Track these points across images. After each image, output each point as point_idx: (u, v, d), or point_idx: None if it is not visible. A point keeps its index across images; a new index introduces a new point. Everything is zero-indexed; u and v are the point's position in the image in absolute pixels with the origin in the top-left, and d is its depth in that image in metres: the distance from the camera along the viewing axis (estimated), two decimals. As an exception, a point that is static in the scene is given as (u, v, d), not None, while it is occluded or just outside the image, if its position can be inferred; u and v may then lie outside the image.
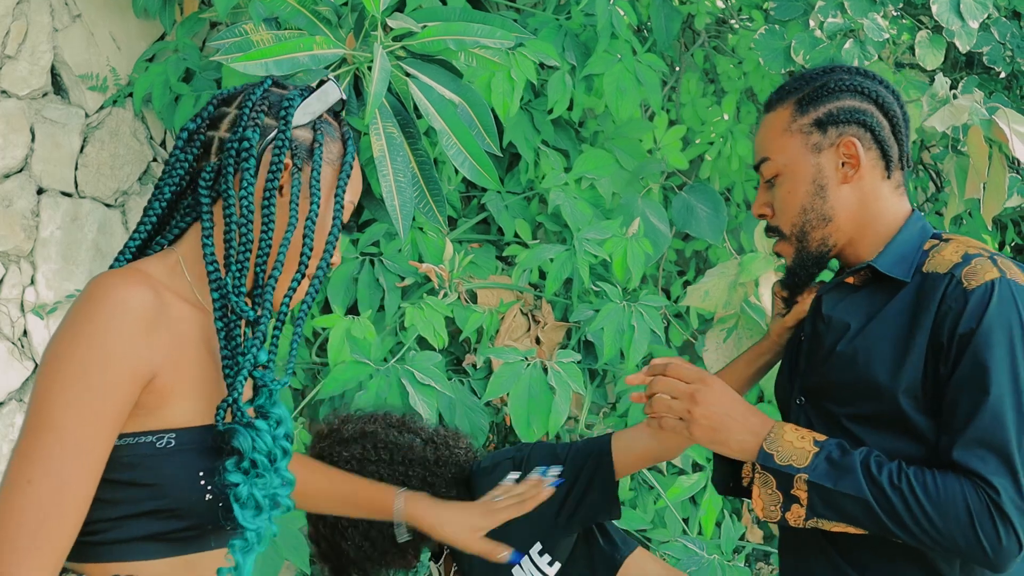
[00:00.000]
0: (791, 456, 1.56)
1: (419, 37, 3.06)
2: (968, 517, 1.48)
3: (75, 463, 1.23)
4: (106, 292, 1.28)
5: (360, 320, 3.22)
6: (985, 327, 1.53)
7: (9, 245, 3.43)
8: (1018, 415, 1.51)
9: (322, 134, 1.45)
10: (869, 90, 1.69)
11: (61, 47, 3.57)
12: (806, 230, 1.71)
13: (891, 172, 1.70)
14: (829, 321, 1.71)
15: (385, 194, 2.96)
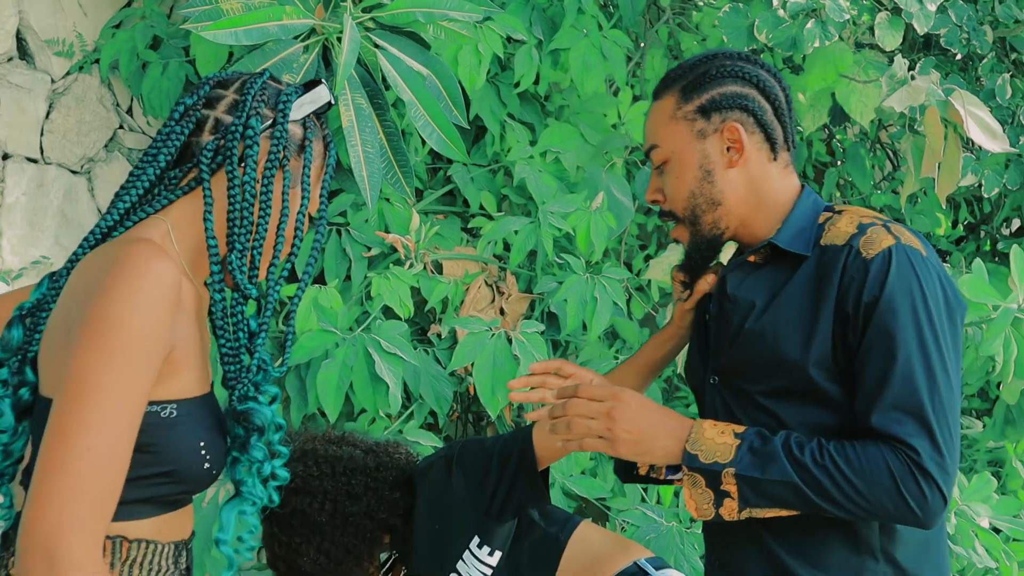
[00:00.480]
0: (715, 453, 1.59)
1: (388, 9, 3.09)
2: (892, 481, 1.52)
3: (124, 431, 1.30)
4: (145, 266, 1.33)
5: (327, 289, 3.25)
6: (887, 294, 1.57)
7: (-26, 210, 3.42)
8: (928, 376, 1.55)
9: (312, 132, 1.55)
10: (750, 75, 1.73)
11: (27, 11, 3.55)
12: (697, 214, 1.74)
13: (777, 154, 1.74)
14: (735, 300, 1.74)
15: (354, 164, 3.00)
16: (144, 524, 1.41)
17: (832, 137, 4.62)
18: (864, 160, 4.19)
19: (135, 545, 1.41)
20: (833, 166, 4.54)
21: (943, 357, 1.58)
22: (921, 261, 1.61)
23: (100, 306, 1.31)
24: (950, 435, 1.56)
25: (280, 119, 1.52)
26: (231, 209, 1.49)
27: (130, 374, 1.30)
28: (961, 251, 4.49)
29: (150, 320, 1.32)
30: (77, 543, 1.25)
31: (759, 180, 1.73)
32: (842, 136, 4.62)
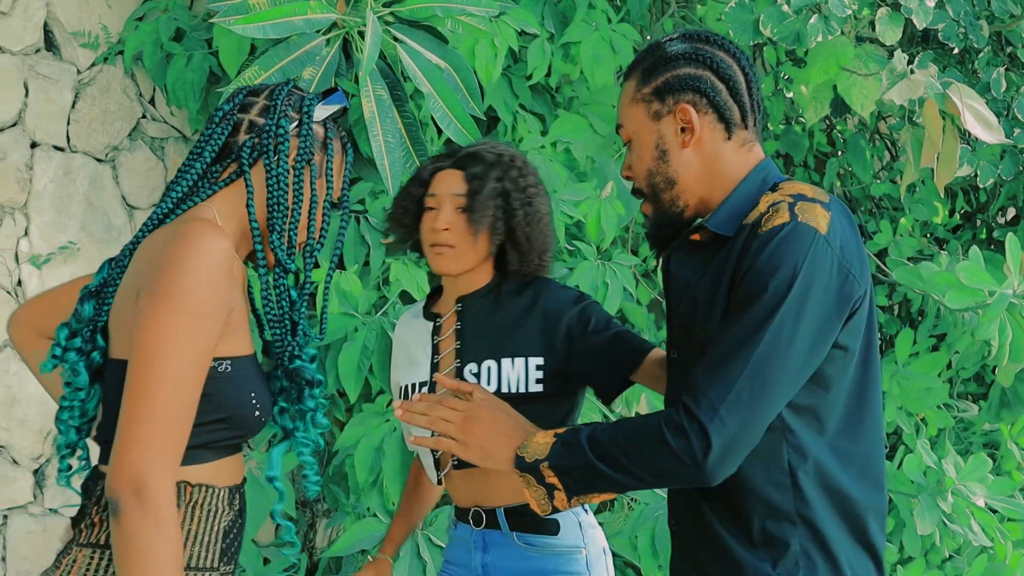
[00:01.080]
0: (536, 452, 1.70)
1: (408, 3, 3.20)
2: (659, 430, 1.58)
3: (193, 383, 1.50)
4: (204, 239, 1.53)
5: (347, 274, 3.37)
6: (758, 264, 1.60)
7: (4, 197, 3.53)
8: (753, 342, 1.57)
9: (332, 131, 1.78)
10: (705, 56, 1.77)
11: (54, 4, 3.66)
12: (656, 192, 1.81)
13: (731, 133, 1.77)
14: (675, 279, 1.82)
15: (375, 154, 3.11)
16: (203, 469, 1.60)
17: (833, 128, 4.74)
18: (864, 150, 4.31)
19: (196, 489, 1.59)
20: (834, 156, 4.66)
21: (783, 335, 1.57)
22: (813, 240, 1.60)
23: (167, 275, 1.50)
24: (749, 398, 1.56)
25: (306, 120, 1.75)
26: (270, 196, 1.71)
27: (196, 333, 1.49)
28: (958, 239, 4.62)
29: (211, 285, 1.51)
30: (162, 478, 1.45)
31: (712, 159, 1.77)
32: (842, 127, 4.74)
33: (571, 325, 2.17)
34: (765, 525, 1.69)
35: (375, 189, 3.64)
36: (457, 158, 2.24)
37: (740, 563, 1.70)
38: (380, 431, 3.29)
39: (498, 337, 2.19)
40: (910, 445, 3.77)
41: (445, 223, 2.17)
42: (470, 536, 2.26)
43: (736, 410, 1.56)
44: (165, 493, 1.45)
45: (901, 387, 3.68)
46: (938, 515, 3.53)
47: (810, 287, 1.59)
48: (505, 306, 2.23)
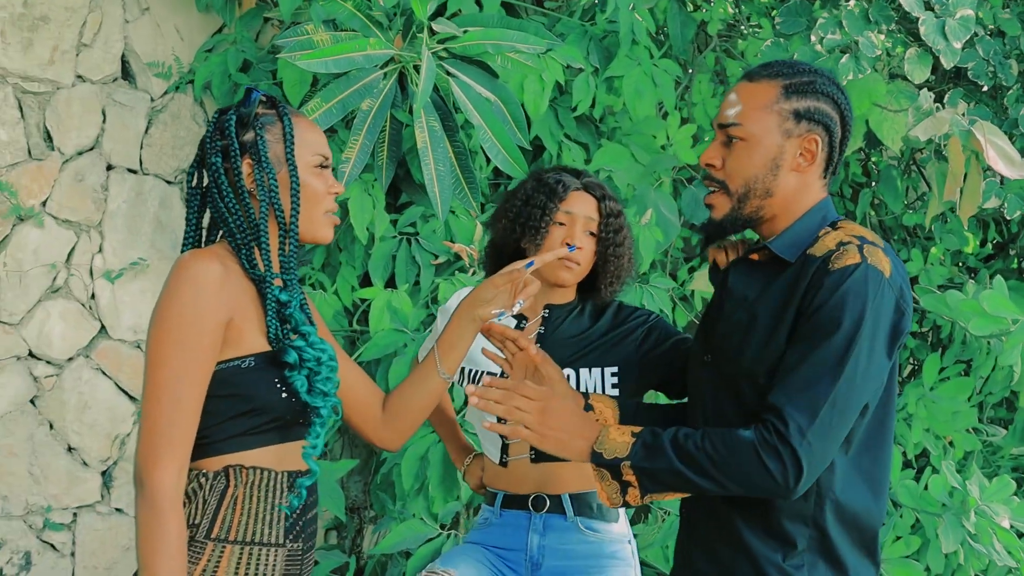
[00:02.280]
0: (615, 450, 1.82)
1: (461, 41, 3.42)
2: (755, 449, 1.73)
3: (186, 386, 1.73)
4: (187, 269, 1.77)
5: (398, 293, 3.58)
6: (836, 299, 1.76)
7: (81, 216, 3.79)
8: (838, 375, 1.73)
9: (261, 127, 1.87)
10: (840, 102, 1.92)
11: (131, 37, 3.92)
12: (749, 196, 1.90)
13: (827, 174, 1.93)
14: (731, 292, 1.93)
15: (427, 181, 3.33)
16: (255, 454, 1.81)
17: (868, 159, 4.88)
18: (896, 182, 4.45)
19: (251, 471, 1.80)
20: (868, 187, 4.80)
21: (866, 367, 1.76)
22: (878, 283, 1.78)
23: (161, 300, 1.77)
24: (831, 427, 1.74)
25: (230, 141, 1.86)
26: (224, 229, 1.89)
27: (189, 346, 1.73)
28: (989, 269, 4.74)
29: (199, 303, 1.74)
30: (158, 471, 1.68)
31: (804, 189, 1.91)
32: (877, 158, 4.88)
33: (642, 337, 2.41)
34: (782, 522, 1.86)
35: (426, 213, 3.85)
36: (585, 183, 2.46)
37: (753, 552, 1.87)
38: (426, 441, 3.48)
39: (578, 349, 2.40)
40: (937, 466, 3.89)
41: (581, 242, 2.40)
42: (527, 521, 2.43)
43: (822, 436, 1.74)
44: (161, 485, 1.69)
45: (928, 410, 3.81)
46: (962, 534, 3.65)
47: (877, 325, 1.77)
48: (586, 323, 2.45)
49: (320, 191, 1.90)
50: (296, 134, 1.88)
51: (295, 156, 1.87)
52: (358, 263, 3.87)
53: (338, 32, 3.36)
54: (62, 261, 3.76)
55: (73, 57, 3.78)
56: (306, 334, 1.83)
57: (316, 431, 1.84)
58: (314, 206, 1.90)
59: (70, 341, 3.77)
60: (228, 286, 1.78)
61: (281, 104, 1.91)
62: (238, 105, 1.90)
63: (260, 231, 1.85)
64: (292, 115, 1.91)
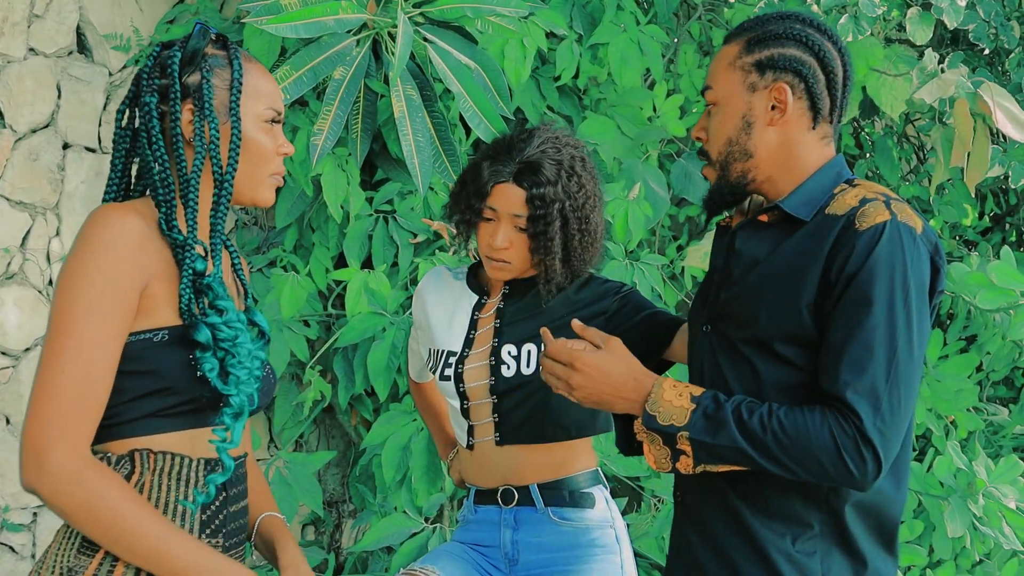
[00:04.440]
0: (671, 416, 1.70)
1: (438, 4, 3.22)
2: (835, 445, 1.61)
3: (97, 355, 1.50)
4: (104, 222, 1.54)
5: (375, 274, 3.39)
6: (870, 264, 1.64)
7: (36, 197, 3.57)
8: (889, 347, 1.62)
9: (209, 70, 1.66)
10: (814, 43, 1.77)
11: (86, 7, 3.69)
12: (729, 161, 1.80)
13: (817, 123, 1.79)
14: (740, 255, 1.82)
15: (406, 153, 3.13)
16: (166, 439, 1.59)
17: (860, 130, 4.73)
18: (892, 152, 4.30)
19: (160, 456, 1.58)
20: (862, 158, 4.65)
21: (910, 334, 1.64)
22: (912, 240, 1.67)
23: (72, 258, 1.54)
24: (899, 406, 1.63)
25: (171, 82, 1.64)
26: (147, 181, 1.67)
27: (101, 308, 1.50)
28: (988, 241, 4.60)
29: (114, 261, 1.52)
30: (62, 450, 1.46)
31: (792, 143, 1.78)
32: (870, 129, 4.73)
33: (609, 309, 2.23)
34: (791, 502, 1.72)
35: (403, 190, 3.66)
36: (518, 170, 2.18)
37: (757, 536, 1.73)
38: (408, 430, 3.30)
39: (541, 323, 2.21)
40: (939, 447, 3.75)
41: (505, 241, 2.19)
42: (498, 516, 2.27)
43: (893, 421, 1.62)
44: (71, 465, 1.47)
45: (931, 389, 3.66)
46: (969, 518, 3.51)
47: (918, 286, 1.66)
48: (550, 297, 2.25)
49: (268, 149, 1.69)
50: (247, 81, 1.67)
51: (243, 107, 1.65)
52: (332, 243, 3.67)
53: (307, -5, 3.15)
54: (16, 245, 3.54)
55: (24, 29, 3.55)
56: (222, 309, 1.61)
57: (225, 421, 1.60)
58: (258, 166, 1.69)
59: (27, 330, 3.54)
60: (148, 246, 1.56)
61: (233, 46, 1.70)
62: (184, 40, 1.67)
63: (190, 186, 1.62)
64: (245, 59, 1.69)
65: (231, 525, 1.67)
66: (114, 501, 1.48)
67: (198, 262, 1.61)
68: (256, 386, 1.65)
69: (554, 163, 2.19)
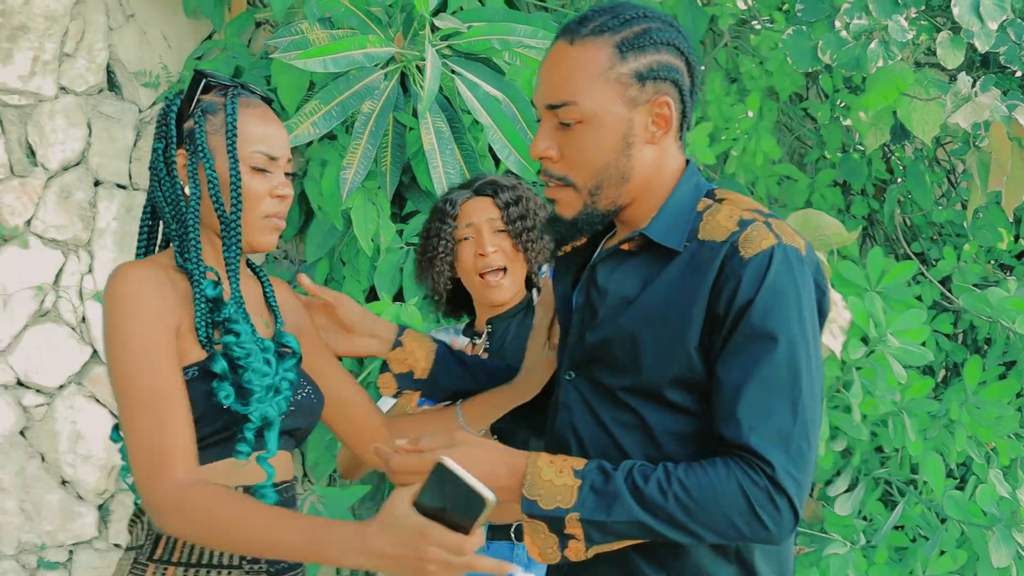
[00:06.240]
0: (556, 498, 1.46)
1: (465, 37, 3.22)
2: (746, 501, 1.42)
3: (160, 397, 1.58)
4: (120, 280, 1.62)
5: (407, 307, 3.37)
6: (762, 297, 1.46)
7: (68, 235, 3.58)
8: (792, 385, 1.46)
9: (201, 115, 1.72)
10: (683, 47, 1.57)
11: (116, 45, 3.72)
12: (602, 186, 1.56)
13: (683, 133, 1.60)
14: (605, 292, 1.59)
15: (436, 186, 3.12)
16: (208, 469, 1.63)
17: (891, 155, 4.69)
18: (924, 176, 4.25)
19: None
20: (893, 183, 4.61)
21: (811, 366, 1.48)
22: (800, 262, 1.51)
23: (106, 323, 1.63)
24: (807, 446, 1.46)
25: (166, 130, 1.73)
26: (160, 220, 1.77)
27: (147, 353, 1.59)
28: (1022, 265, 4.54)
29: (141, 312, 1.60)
30: (160, 487, 1.54)
31: (662, 160, 1.57)
32: (900, 154, 4.69)
33: None
34: (700, 561, 1.53)
35: (433, 222, 3.64)
36: (476, 187, 2.31)
37: None
38: (441, 464, 3.27)
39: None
40: (981, 475, 3.68)
41: (492, 246, 2.22)
42: (511, 552, 2.25)
43: (803, 465, 1.46)
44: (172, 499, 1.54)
45: (971, 416, 3.59)
46: (1014, 547, 3.44)
47: (811, 313, 1.51)
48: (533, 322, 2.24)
49: (256, 192, 1.71)
50: (239, 125, 1.70)
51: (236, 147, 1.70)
52: (363, 277, 3.66)
53: (335, 31, 3.16)
54: (50, 283, 3.55)
55: (55, 68, 3.58)
56: (237, 332, 1.66)
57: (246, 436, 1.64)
58: (248, 209, 1.71)
59: (61, 368, 3.55)
60: (168, 291, 1.63)
61: (233, 91, 1.73)
62: (188, 88, 1.75)
63: (188, 226, 1.67)
64: (243, 105, 1.73)
65: None
66: (216, 513, 1.53)
67: (208, 289, 1.66)
68: (275, 399, 1.68)
69: (506, 178, 2.36)
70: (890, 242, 4.68)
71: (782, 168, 4.47)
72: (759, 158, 4.12)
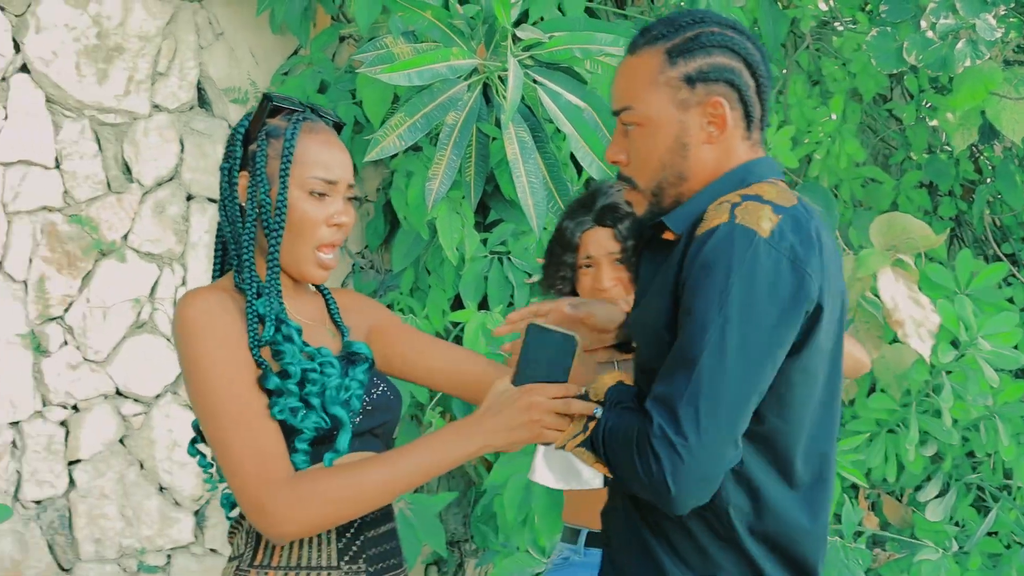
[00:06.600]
0: (597, 392, 1.63)
1: (547, 46, 3.25)
2: (630, 447, 1.51)
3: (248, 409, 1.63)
4: (186, 310, 1.66)
5: (492, 314, 3.41)
6: (695, 272, 1.51)
7: (163, 249, 3.69)
8: (695, 360, 1.48)
9: (264, 139, 1.74)
10: (739, 47, 1.62)
11: (205, 63, 3.82)
12: (663, 186, 1.64)
13: (751, 132, 1.64)
14: (641, 280, 1.72)
15: (520, 195, 3.16)
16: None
17: (980, 155, 4.62)
18: (1014, 176, 4.18)
19: None
20: (982, 183, 4.54)
21: (723, 341, 1.48)
22: (748, 241, 1.50)
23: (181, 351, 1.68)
24: (705, 419, 1.47)
25: (233, 151, 1.76)
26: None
27: (226, 374, 1.64)
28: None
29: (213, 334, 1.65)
30: (269, 494, 1.59)
31: (726, 158, 1.63)
32: (989, 153, 4.62)
33: None
34: (705, 547, 1.59)
35: (517, 230, 3.69)
36: (597, 213, 2.29)
37: None
38: (529, 470, 3.30)
39: None
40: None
41: (611, 281, 2.25)
42: None
43: (702, 441, 1.47)
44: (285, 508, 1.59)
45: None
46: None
47: (751, 292, 1.49)
48: None
49: (310, 219, 1.72)
50: (300, 150, 1.72)
51: (290, 175, 1.72)
52: (449, 285, 3.71)
53: (418, 44, 3.21)
54: (146, 295, 3.66)
55: (149, 87, 3.69)
56: (283, 350, 1.69)
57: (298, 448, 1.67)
58: (299, 235, 1.72)
59: (157, 378, 3.66)
60: (231, 311, 1.68)
61: (299, 117, 1.76)
62: (256, 111, 1.79)
63: (242, 247, 1.72)
64: (306, 130, 1.75)
65: (372, 551, 1.74)
66: (336, 490, 1.60)
67: (260, 307, 1.70)
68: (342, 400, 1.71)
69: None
70: (979, 244, 4.61)
71: (866, 171, 4.43)
72: (843, 161, 4.09)
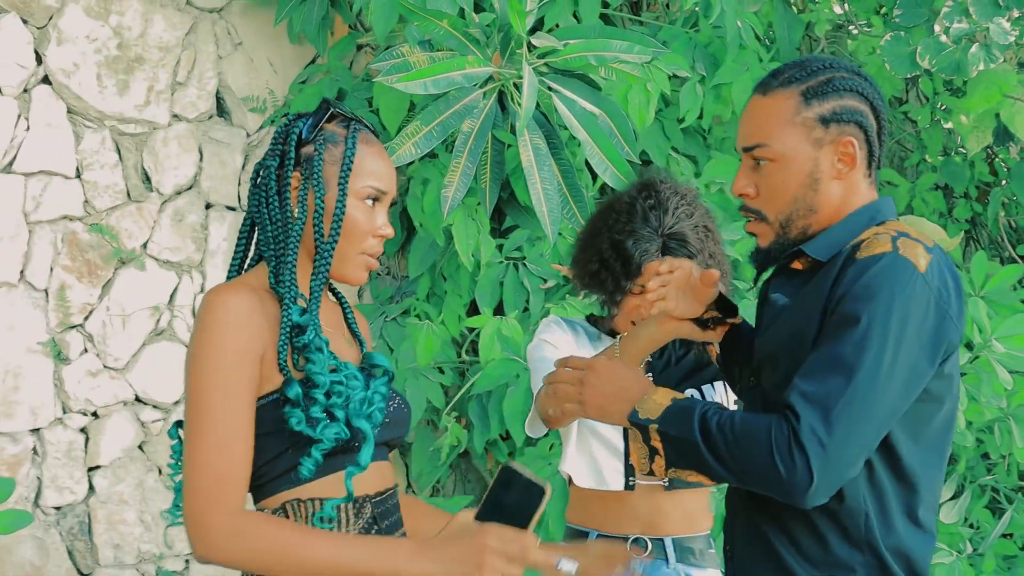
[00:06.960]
0: (650, 411, 1.69)
1: (562, 54, 3.27)
2: (768, 443, 1.56)
3: (231, 427, 1.61)
4: (215, 303, 1.64)
5: (507, 320, 3.44)
6: (857, 288, 1.60)
7: (182, 256, 3.73)
8: (855, 368, 1.57)
9: (323, 143, 1.75)
10: (866, 93, 1.75)
11: (224, 73, 3.87)
12: (792, 219, 1.75)
13: (871, 170, 1.76)
14: (772, 305, 1.78)
15: (534, 201, 3.18)
16: (312, 486, 1.68)
17: (995, 157, 4.62)
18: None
19: (309, 503, 1.69)
20: (997, 185, 4.54)
21: (881, 361, 1.58)
22: (910, 275, 1.62)
23: (193, 343, 1.64)
24: (852, 427, 1.57)
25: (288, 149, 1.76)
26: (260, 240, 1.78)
27: (226, 384, 1.60)
28: None
29: (229, 344, 1.62)
30: (216, 513, 1.57)
31: (850, 194, 1.75)
32: (1004, 155, 4.62)
33: None
34: (833, 548, 1.67)
35: (532, 236, 3.71)
36: (664, 244, 2.20)
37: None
38: (543, 474, 3.32)
39: (693, 368, 2.25)
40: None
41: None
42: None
43: (840, 439, 1.57)
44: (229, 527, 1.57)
45: None
46: None
47: (907, 320, 1.60)
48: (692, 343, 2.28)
49: (361, 227, 1.75)
50: (356, 160, 1.75)
51: (347, 183, 1.74)
52: (464, 291, 3.74)
53: (434, 52, 3.24)
54: (165, 303, 3.70)
55: (168, 96, 3.73)
56: (313, 361, 1.69)
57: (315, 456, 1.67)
58: (349, 242, 1.74)
59: (176, 384, 3.70)
60: (257, 317, 1.65)
61: (355, 126, 1.78)
62: (312, 114, 1.79)
63: (288, 248, 1.71)
64: (362, 140, 1.78)
65: None
66: (274, 538, 1.58)
67: (295, 314, 1.69)
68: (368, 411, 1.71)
69: (694, 228, 2.23)
70: (994, 245, 4.60)
71: (882, 173, 4.42)
72: (858, 164, 4.09)
